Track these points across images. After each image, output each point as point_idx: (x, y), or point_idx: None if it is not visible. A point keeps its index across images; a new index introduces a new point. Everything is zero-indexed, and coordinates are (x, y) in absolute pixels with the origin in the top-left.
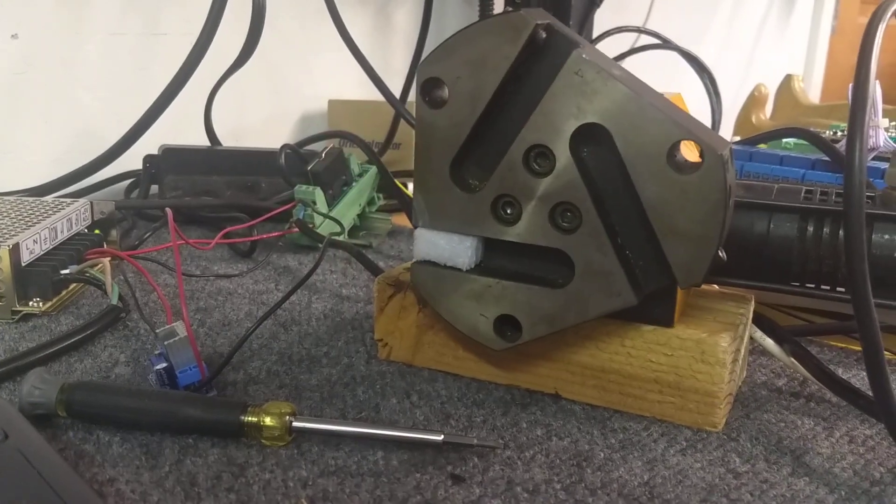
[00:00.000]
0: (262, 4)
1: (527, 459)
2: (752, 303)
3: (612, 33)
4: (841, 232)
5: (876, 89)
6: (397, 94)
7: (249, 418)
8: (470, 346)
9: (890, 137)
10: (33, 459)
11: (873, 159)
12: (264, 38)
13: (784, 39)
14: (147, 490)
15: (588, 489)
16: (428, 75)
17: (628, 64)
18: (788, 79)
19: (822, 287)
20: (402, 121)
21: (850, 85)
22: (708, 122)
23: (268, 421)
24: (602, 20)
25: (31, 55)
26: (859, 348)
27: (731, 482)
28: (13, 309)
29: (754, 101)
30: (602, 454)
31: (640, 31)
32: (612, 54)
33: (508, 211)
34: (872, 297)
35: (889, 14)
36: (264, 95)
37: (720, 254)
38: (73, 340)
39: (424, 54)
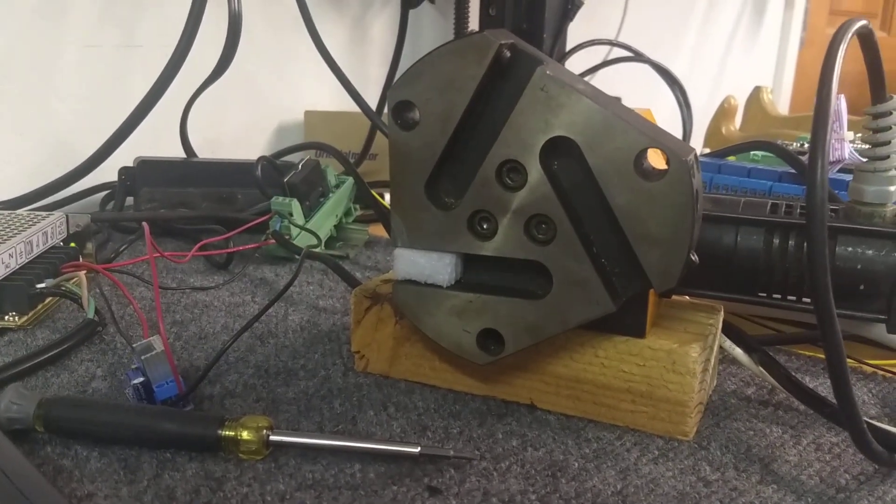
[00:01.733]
0: (239, 17)
1: (502, 470)
2: (721, 313)
3: (585, 46)
4: (799, 242)
5: (841, 103)
6: (374, 104)
7: (227, 432)
8: (446, 358)
9: (855, 149)
10: (12, 475)
11: (839, 171)
12: (240, 49)
13: (753, 51)
14: None
15: (563, 499)
16: (398, 98)
17: (601, 76)
18: (758, 90)
19: (789, 298)
20: (378, 132)
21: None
22: (679, 134)
23: (245, 435)
24: (576, 33)
25: (5, 65)
26: (820, 355)
27: (702, 490)
28: None
29: (724, 112)
30: (576, 464)
31: (612, 43)
32: (584, 67)
33: (485, 226)
34: (836, 307)
35: (850, 35)
36: (240, 106)
37: (692, 257)
38: (49, 355)
39: (400, 66)
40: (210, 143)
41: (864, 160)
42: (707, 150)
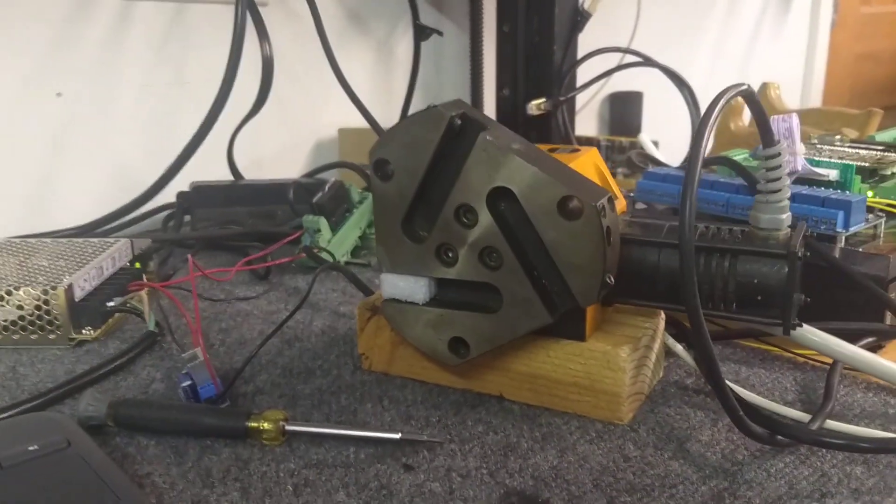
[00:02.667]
0: (271, 60)
1: (466, 451)
2: (661, 317)
3: (594, 55)
4: (715, 262)
5: (793, 120)
6: (397, 119)
7: (252, 424)
8: (432, 359)
9: (808, 160)
10: (91, 461)
11: (794, 182)
12: (277, 76)
13: (781, 37)
14: (174, 481)
15: (508, 473)
16: (377, 157)
17: (623, 74)
18: (765, 86)
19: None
20: None
21: (777, 117)
22: (689, 133)
23: (266, 426)
24: (593, 34)
25: (74, 109)
26: (767, 347)
27: (621, 465)
28: (70, 337)
29: (731, 109)
30: (526, 445)
31: (621, 50)
32: (597, 72)
33: (449, 255)
34: (741, 315)
35: (724, 101)
36: (280, 128)
37: (608, 279)
38: (118, 363)
39: (416, 90)
40: (255, 164)
41: (818, 171)
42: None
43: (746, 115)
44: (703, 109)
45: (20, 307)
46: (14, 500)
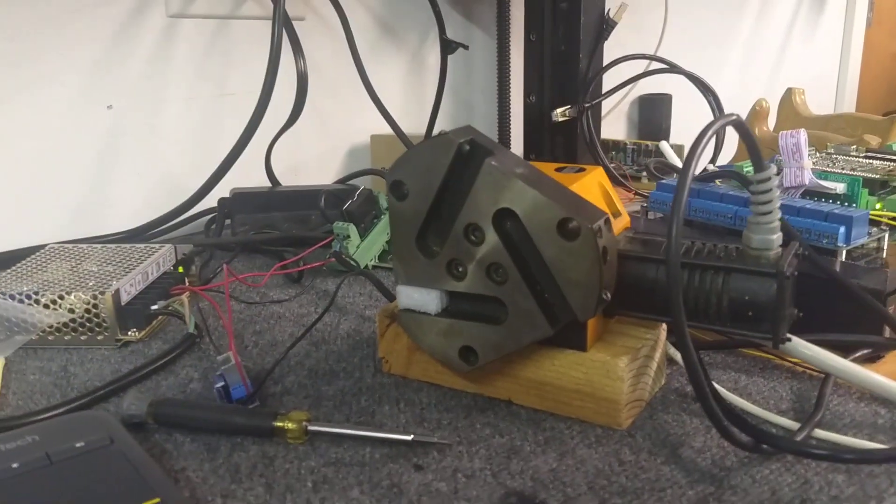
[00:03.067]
0: (305, 76)
1: (472, 453)
2: (663, 328)
3: (619, 62)
4: (709, 279)
5: (801, 136)
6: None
7: (278, 424)
8: (435, 365)
9: (818, 174)
10: (131, 458)
11: (801, 195)
12: (312, 85)
13: (815, 37)
14: (206, 476)
15: (510, 474)
16: (393, 178)
17: (646, 82)
18: (790, 92)
19: (696, 319)
20: None
21: (785, 133)
22: (713, 138)
23: (290, 426)
24: (621, 38)
25: (124, 121)
26: (768, 356)
27: (616, 468)
28: (116, 338)
29: (756, 115)
30: (528, 448)
31: (646, 57)
32: (624, 76)
33: (459, 269)
34: (733, 329)
35: (709, 135)
36: (315, 135)
37: (604, 295)
38: (159, 363)
39: (448, 90)
40: (292, 170)
41: (825, 183)
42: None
43: (771, 120)
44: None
45: (71, 310)
46: (62, 493)
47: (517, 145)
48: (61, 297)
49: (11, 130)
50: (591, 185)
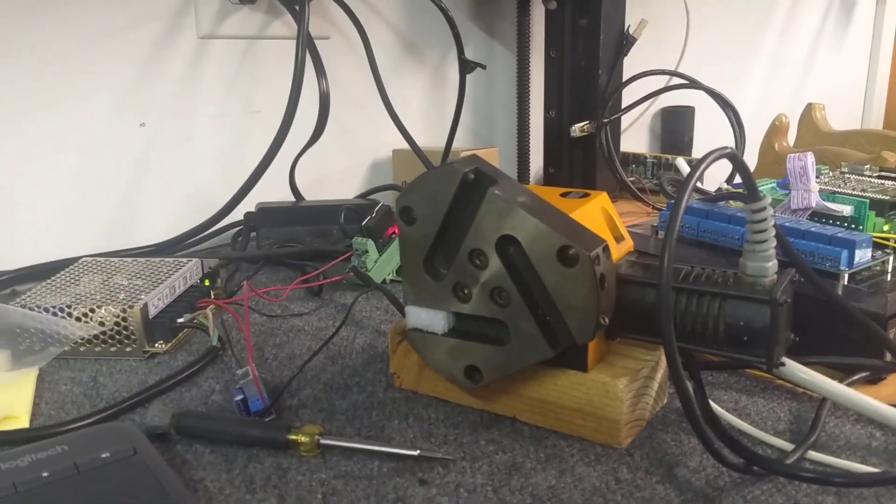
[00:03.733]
0: (327, 95)
1: (475, 469)
2: (661, 350)
3: (639, 77)
4: (706, 304)
5: (809, 159)
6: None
7: (292, 437)
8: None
9: (826, 196)
10: (153, 468)
11: (808, 218)
12: (335, 100)
13: (843, 51)
14: (223, 486)
15: (510, 491)
16: (402, 205)
17: (668, 95)
18: (810, 107)
19: (693, 343)
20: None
21: (792, 156)
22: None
23: (303, 439)
24: (641, 56)
25: (155, 138)
26: (768, 377)
27: (613, 486)
28: (143, 350)
29: (775, 130)
30: (529, 465)
31: (666, 73)
32: (646, 90)
33: (464, 292)
34: (729, 352)
35: (709, 162)
36: (338, 150)
37: (601, 320)
38: (183, 375)
39: (469, 105)
40: (315, 184)
41: (832, 206)
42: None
43: (791, 135)
44: (748, 130)
45: (102, 323)
46: (87, 501)
47: (537, 159)
48: (93, 311)
49: (49, 146)
50: (594, 210)
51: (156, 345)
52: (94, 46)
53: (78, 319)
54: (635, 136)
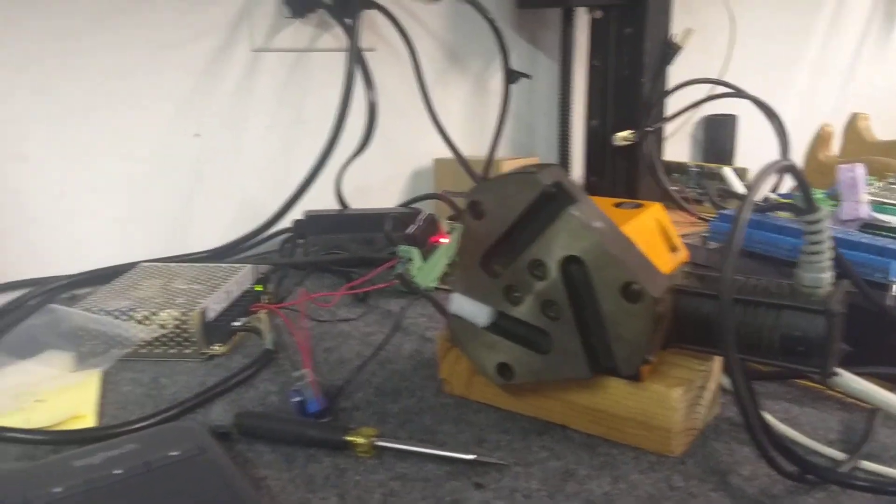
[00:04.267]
0: (375, 105)
1: (529, 474)
2: (714, 360)
3: (683, 86)
4: (762, 314)
5: (858, 170)
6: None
7: (349, 438)
8: (505, 386)
9: (877, 207)
10: (220, 467)
11: (859, 229)
12: (381, 112)
13: (886, 57)
14: (285, 485)
15: (565, 496)
16: (473, 198)
17: (711, 102)
18: (855, 117)
19: (749, 353)
20: (491, 174)
21: (843, 167)
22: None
23: (360, 440)
24: (685, 64)
25: (209, 148)
26: (818, 387)
27: (667, 493)
28: (202, 352)
29: (820, 140)
30: (584, 472)
31: (710, 81)
32: (689, 99)
33: (516, 295)
34: (784, 362)
35: (763, 179)
36: (382, 158)
37: (648, 357)
38: (240, 378)
39: (510, 112)
40: (360, 191)
41: (882, 217)
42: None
43: (835, 145)
44: (793, 139)
45: (162, 326)
46: (159, 499)
47: (578, 168)
48: (154, 314)
49: (110, 157)
50: (649, 221)
51: (213, 347)
52: (156, 59)
53: (139, 322)
54: (677, 145)
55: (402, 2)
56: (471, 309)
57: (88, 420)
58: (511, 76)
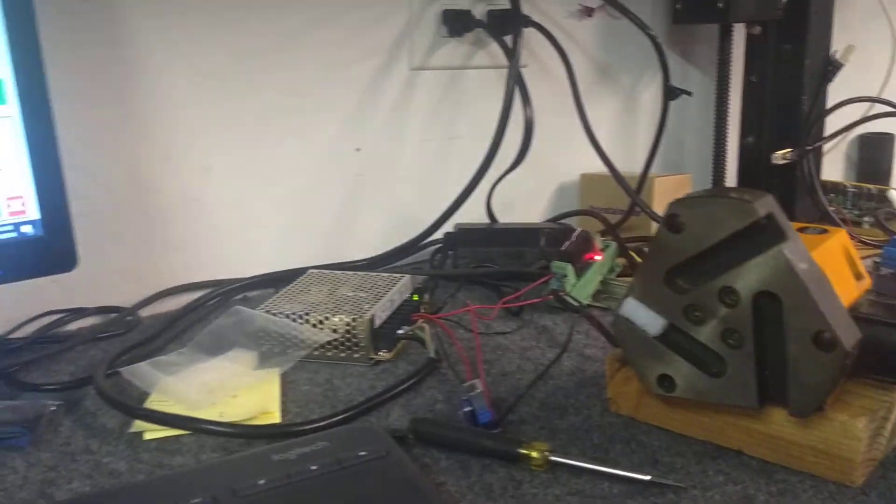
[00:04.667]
0: (532, 122)
1: (707, 498)
2: None
3: (844, 105)
4: None
5: None
6: (640, 166)
7: (523, 451)
8: (678, 409)
9: None
10: (404, 469)
11: None
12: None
13: None
14: (464, 492)
15: None
16: (673, 211)
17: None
18: None
19: None
20: (643, 190)
21: None
22: None
23: (534, 454)
24: (843, 82)
25: (368, 162)
26: None
27: None
28: (369, 357)
29: None
30: (762, 497)
31: (872, 100)
32: (845, 119)
33: (697, 314)
34: None
35: None
36: (528, 173)
37: (824, 406)
38: (409, 384)
39: (663, 136)
40: (505, 206)
41: None
42: None
43: None
44: None
45: (334, 330)
46: (353, 496)
47: (731, 185)
48: (326, 319)
49: (281, 169)
50: (836, 249)
51: (380, 353)
52: (325, 78)
53: (314, 326)
54: (830, 164)
55: (554, 17)
56: (644, 316)
57: (275, 416)
58: (671, 93)
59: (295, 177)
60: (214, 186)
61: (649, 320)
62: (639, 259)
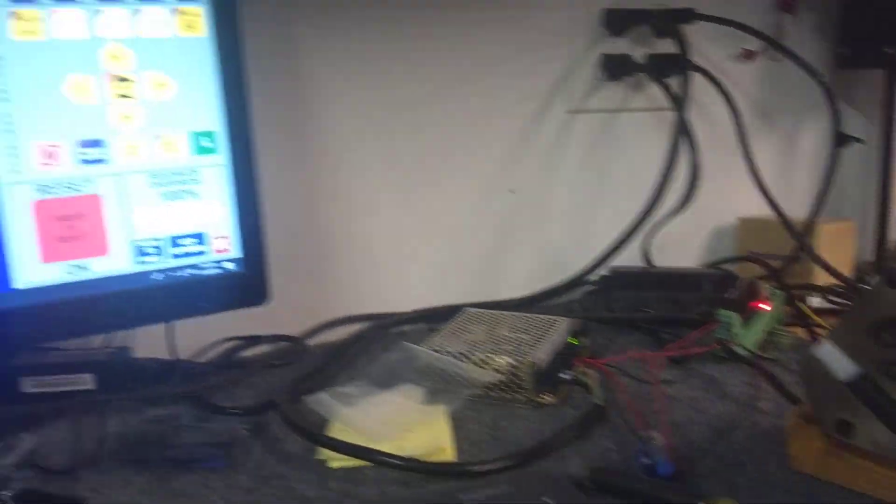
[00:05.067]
0: (699, 167)
1: None
2: None
3: None
4: None
5: None
6: (801, 211)
7: None
8: (864, 474)
9: None
10: None
11: None
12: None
13: None
14: None
15: None
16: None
17: None
18: None
19: None
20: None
21: None
22: None
23: None
24: None
25: (521, 202)
26: None
27: None
28: (532, 399)
29: None
30: None
31: None
32: None
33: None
34: None
35: None
36: (681, 216)
37: None
38: (579, 430)
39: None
40: (656, 248)
41: None
42: None
43: None
44: None
45: (498, 371)
46: None
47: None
48: (489, 359)
49: (436, 209)
50: None
51: (543, 396)
52: (483, 122)
53: (476, 365)
54: None
55: (714, 60)
56: (839, 362)
57: (448, 454)
58: (842, 139)
59: (450, 216)
60: (380, 227)
61: (843, 366)
62: (805, 309)
